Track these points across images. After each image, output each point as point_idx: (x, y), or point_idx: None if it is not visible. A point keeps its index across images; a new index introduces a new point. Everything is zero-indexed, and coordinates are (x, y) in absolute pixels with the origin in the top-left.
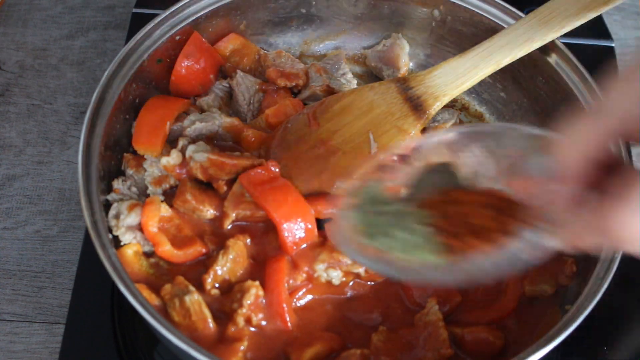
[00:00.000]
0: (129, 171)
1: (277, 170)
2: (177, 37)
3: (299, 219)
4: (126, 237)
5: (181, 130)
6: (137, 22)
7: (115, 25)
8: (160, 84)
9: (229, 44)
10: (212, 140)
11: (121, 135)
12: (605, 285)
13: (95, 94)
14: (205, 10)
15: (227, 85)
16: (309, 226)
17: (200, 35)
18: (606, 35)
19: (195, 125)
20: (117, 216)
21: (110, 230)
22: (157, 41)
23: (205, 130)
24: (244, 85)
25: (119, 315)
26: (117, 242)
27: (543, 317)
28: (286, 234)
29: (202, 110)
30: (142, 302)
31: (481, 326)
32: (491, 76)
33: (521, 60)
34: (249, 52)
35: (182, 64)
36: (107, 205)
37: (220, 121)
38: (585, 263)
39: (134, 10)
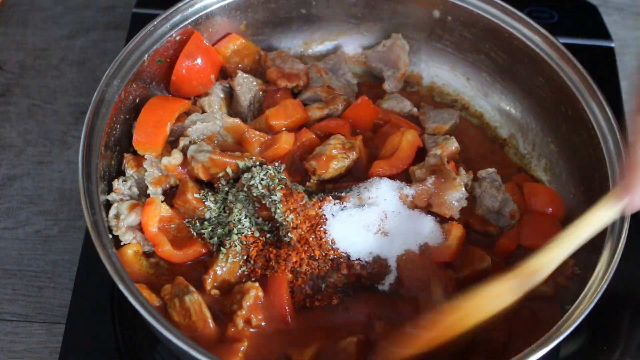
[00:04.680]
0: (129, 171)
1: None
2: (178, 37)
3: None
4: (126, 237)
5: (182, 131)
6: (137, 22)
7: (115, 26)
8: (160, 84)
9: (229, 44)
10: (213, 140)
11: (121, 135)
12: (605, 286)
13: (95, 94)
14: (205, 11)
15: (227, 85)
16: None
17: (201, 35)
18: (606, 35)
19: (196, 125)
20: (117, 216)
21: (110, 231)
22: (157, 41)
23: (207, 131)
24: (245, 86)
25: (119, 315)
26: (117, 242)
27: (543, 317)
28: None
29: (202, 111)
30: (142, 302)
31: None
32: (491, 75)
33: (521, 61)
34: (249, 53)
35: (183, 64)
36: (108, 205)
37: (221, 122)
38: (585, 263)
39: (134, 10)
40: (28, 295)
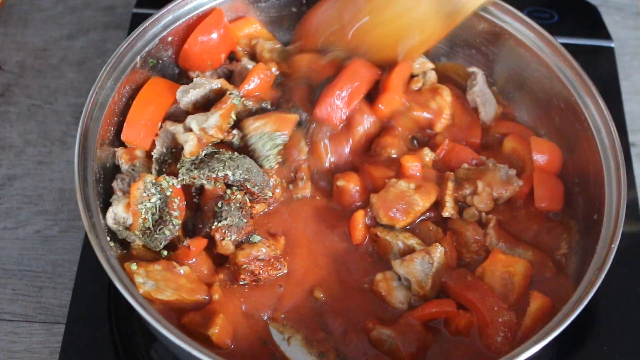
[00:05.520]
0: (124, 166)
1: None
2: (169, 39)
3: None
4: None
5: (178, 112)
6: (137, 22)
7: (115, 26)
8: None
9: (244, 28)
10: (230, 115)
11: (116, 137)
12: (602, 277)
13: (89, 97)
14: (196, 11)
15: (229, 69)
16: None
17: (223, 13)
18: (606, 35)
19: (189, 94)
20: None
21: (115, 235)
22: (149, 42)
23: (200, 97)
24: (246, 73)
25: (117, 314)
26: (124, 243)
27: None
28: None
29: None
30: (141, 302)
31: None
32: (482, 70)
33: (519, 59)
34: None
35: (198, 38)
36: (105, 209)
37: (210, 85)
38: (580, 260)
39: (134, 10)
40: (28, 295)
